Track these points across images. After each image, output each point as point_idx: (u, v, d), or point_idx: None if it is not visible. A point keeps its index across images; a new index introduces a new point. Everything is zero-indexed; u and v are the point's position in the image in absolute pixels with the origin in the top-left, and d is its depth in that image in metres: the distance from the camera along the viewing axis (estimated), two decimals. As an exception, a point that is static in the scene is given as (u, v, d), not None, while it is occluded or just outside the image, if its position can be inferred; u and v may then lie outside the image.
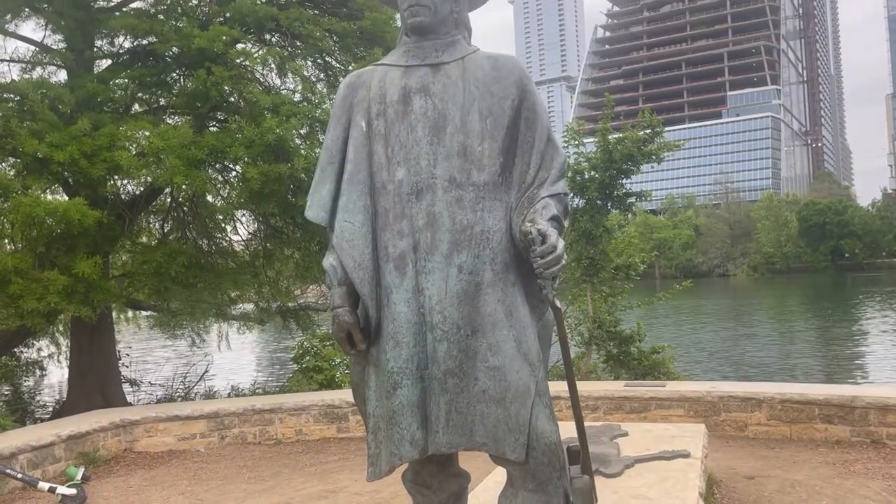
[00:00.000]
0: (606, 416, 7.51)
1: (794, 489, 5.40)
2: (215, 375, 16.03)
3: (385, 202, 2.50)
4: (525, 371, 2.37)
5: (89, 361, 10.53)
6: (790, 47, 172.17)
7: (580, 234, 9.52)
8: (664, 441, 5.32)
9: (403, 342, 2.40)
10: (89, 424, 7.29)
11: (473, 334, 2.39)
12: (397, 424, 2.39)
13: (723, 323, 34.90)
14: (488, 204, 2.48)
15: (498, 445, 2.34)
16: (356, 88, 2.63)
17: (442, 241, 2.42)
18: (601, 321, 9.62)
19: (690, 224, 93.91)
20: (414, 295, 2.42)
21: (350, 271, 2.46)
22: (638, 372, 9.39)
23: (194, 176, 8.11)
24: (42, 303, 7.52)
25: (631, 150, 9.23)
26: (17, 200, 7.43)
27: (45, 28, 9.60)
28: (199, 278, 9.20)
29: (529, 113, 2.58)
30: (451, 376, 2.37)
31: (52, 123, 7.97)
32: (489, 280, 2.43)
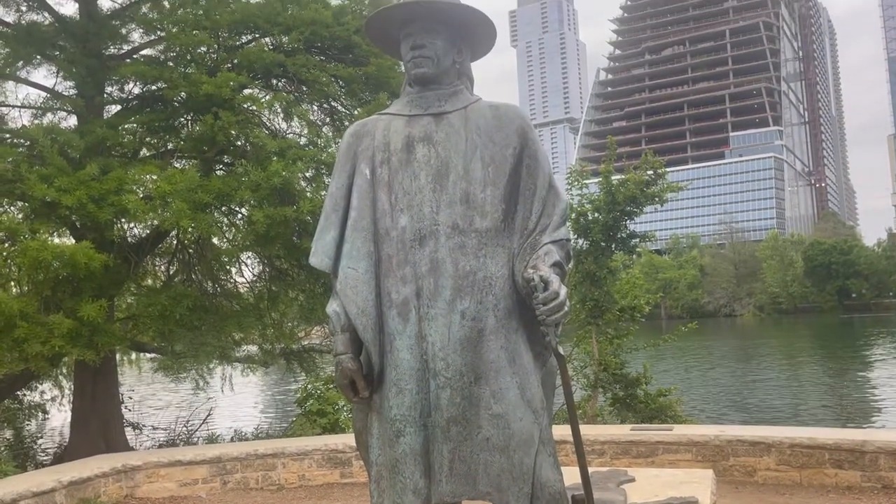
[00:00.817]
0: (613, 460, 7.41)
1: (805, 536, 5.29)
2: (218, 419, 15.91)
3: (388, 248, 2.52)
4: (529, 419, 2.36)
5: (92, 405, 10.48)
6: (791, 89, 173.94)
7: (584, 276, 9.52)
8: (672, 487, 5.25)
9: (406, 389, 2.40)
10: (90, 470, 7.22)
11: (476, 381, 2.39)
12: (400, 473, 2.37)
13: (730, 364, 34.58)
14: (491, 250, 2.50)
15: (502, 495, 2.32)
16: (361, 137, 2.67)
17: (445, 287, 2.44)
18: (607, 364, 9.56)
19: (695, 264, 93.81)
20: (417, 341, 2.43)
21: (353, 317, 2.47)
22: (645, 415, 9.29)
23: (200, 219, 8.17)
24: (46, 346, 7.51)
25: (634, 192, 9.28)
26: (24, 244, 7.49)
27: (56, 75, 9.79)
28: (204, 321, 9.20)
29: (531, 160, 2.61)
30: (455, 424, 2.36)
31: (61, 168, 8.07)
32: (492, 326, 2.44)
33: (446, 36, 2.62)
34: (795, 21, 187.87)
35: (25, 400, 13.64)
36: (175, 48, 9.46)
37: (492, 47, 2.79)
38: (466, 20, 2.64)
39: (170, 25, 9.58)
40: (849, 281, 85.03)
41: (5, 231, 7.86)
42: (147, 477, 7.62)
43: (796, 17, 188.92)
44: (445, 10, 2.59)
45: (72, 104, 9.57)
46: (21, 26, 9.65)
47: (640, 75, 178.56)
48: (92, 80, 9.29)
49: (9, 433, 12.57)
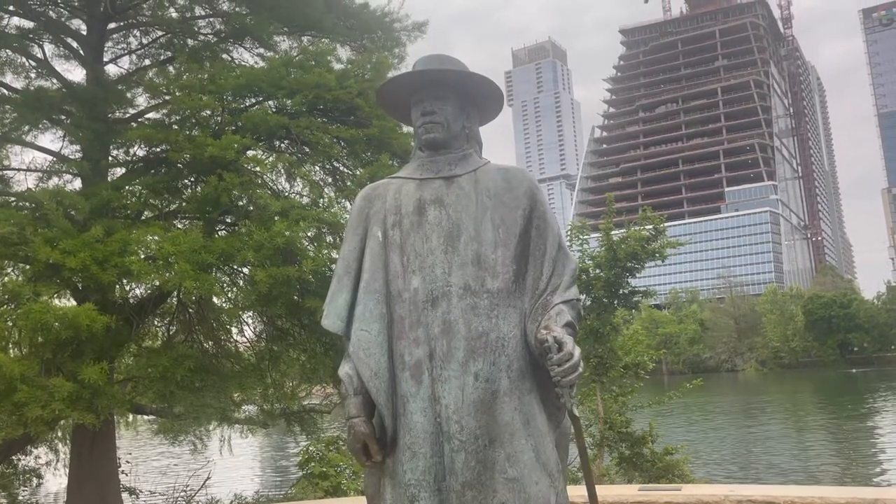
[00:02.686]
0: (622, 522, 7.26)
1: None
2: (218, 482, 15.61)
3: (401, 310, 2.53)
4: (545, 482, 2.33)
5: (89, 469, 10.31)
6: (783, 144, 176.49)
7: (588, 333, 9.50)
8: (684, 549, 5.13)
9: (420, 453, 2.38)
10: (88, 537, 7.05)
11: (491, 444, 2.37)
12: (415, 540, 2.33)
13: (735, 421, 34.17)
14: (503, 311, 2.52)
15: (519, 560, 2.28)
16: (372, 200, 2.71)
17: (458, 348, 2.44)
18: (612, 422, 9.45)
19: (695, 319, 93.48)
20: (430, 404, 2.42)
21: (366, 380, 2.47)
22: (652, 474, 9.15)
23: (203, 279, 8.18)
24: (46, 410, 7.42)
25: (635, 248, 9.34)
26: (27, 307, 7.47)
27: (63, 139, 9.94)
28: (205, 381, 9.12)
29: (540, 221, 2.65)
30: (470, 489, 2.33)
31: (66, 230, 8.12)
32: (506, 388, 2.43)
33: (456, 102, 2.69)
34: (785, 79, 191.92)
35: (20, 465, 13.40)
36: (180, 112, 9.62)
37: (499, 112, 2.86)
38: (475, 87, 2.72)
39: (175, 90, 9.77)
40: (850, 334, 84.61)
41: (8, 294, 7.86)
42: (145, 544, 7.45)
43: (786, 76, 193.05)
44: (455, 77, 2.66)
45: (77, 167, 9.69)
46: (29, 92, 9.85)
47: (635, 132, 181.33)
48: (98, 143, 9.43)
49: (3, 500, 12.29)
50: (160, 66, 10.64)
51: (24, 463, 13.50)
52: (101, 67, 10.26)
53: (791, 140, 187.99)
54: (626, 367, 9.70)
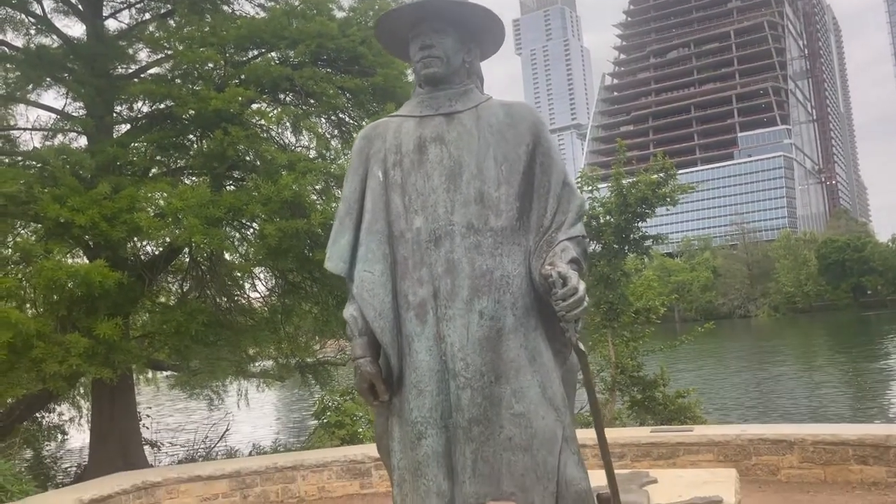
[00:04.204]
0: (633, 463, 7.34)
1: (832, 534, 5.21)
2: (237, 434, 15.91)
3: (404, 250, 2.51)
4: (551, 417, 2.33)
5: (110, 424, 10.51)
6: (798, 87, 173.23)
7: (598, 279, 9.47)
8: (696, 487, 5.19)
9: (426, 391, 2.38)
10: (111, 487, 7.21)
11: (497, 381, 2.37)
12: (423, 476, 2.35)
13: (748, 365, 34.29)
14: (507, 249, 2.49)
15: (526, 495, 2.29)
16: (372, 140, 2.67)
17: (462, 287, 2.42)
18: (623, 366, 9.49)
19: (708, 266, 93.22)
20: (436, 342, 2.41)
21: (371, 321, 2.46)
22: (663, 417, 9.22)
23: (213, 234, 8.20)
24: (64, 366, 7.54)
25: (645, 193, 9.25)
26: (39, 265, 7.53)
27: (66, 96, 9.87)
28: (219, 336, 9.22)
29: (544, 158, 2.60)
30: (476, 424, 2.34)
31: (73, 188, 8.12)
32: (511, 325, 2.42)
33: (455, 35, 2.62)
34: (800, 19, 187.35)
35: (44, 421, 13.70)
36: (182, 65, 9.51)
37: (500, 45, 2.79)
38: (475, 20, 2.64)
39: (176, 43, 9.65)
40: (864, 278, 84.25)
41: (20, 252, 7.91)
42: (167, 493, 7.61)
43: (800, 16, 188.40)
44: (454, 9, 2.59)
45: (82, 125, 9.64)
46: (30, 50, 9.75)
47: (646, 79, 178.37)
48: (101, 99, 9.36)
49: (28, 455, 12.59)
50: (160, 19, 10.49)
51: (48, 420, 13.80)
52: (101, 22, 10.12)
53: (806, 82, 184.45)
54: (637, 313, 9.70)
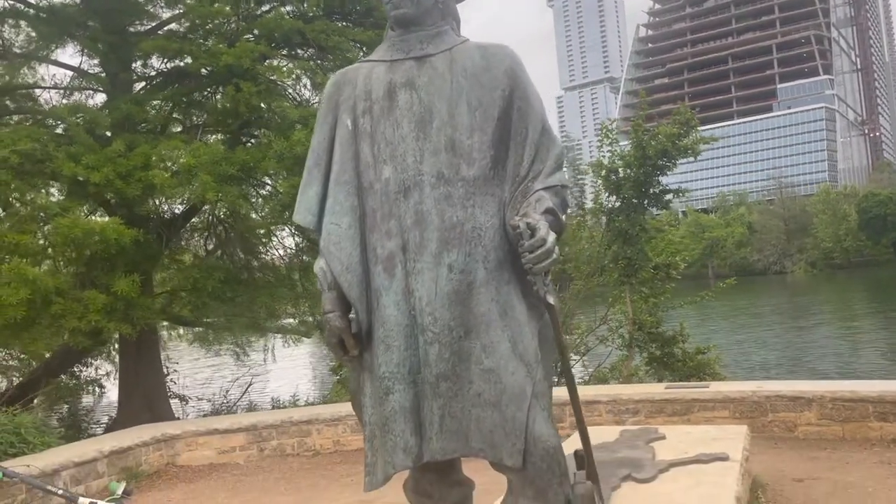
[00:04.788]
0: (647, 419, 7.29)
1: (845, 491, 5.12)
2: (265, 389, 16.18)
3: (373, 202, 2.42)
4: (521, 372, 2.25)
5: (136, 379, 10.74)
6: (841, 35, 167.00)
7: (617, 234, 9.30)
8: (703, 444, 5.11)
9: (394, 346, 2.32)
10: (131, 440, 7.39)
11: (467, 336, 2.29)
12: (390, 431, 2.31)
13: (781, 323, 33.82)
14: (479, 199, 2.39)
15: (495, 451, 2.23)
16: (342, 87, 2.57)
17: (431, 239, 2.33)
18: (641, 322, 9.36)
19: (743, 221, 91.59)
20: (404, 297, 2.34)
21: (337, 275, 2.39)
22: (682, 374, 9.10)
23: (227, 192, 8.20)
24: (83, 321, 7.67)
25: (665, 145, 8.98)
26: (56, 223, 7.61)
27: (81, 53, 9.86)
28: (237, 293, 9.29)
29: (522, 103, 2.47)
30: (444, 380, 2.27)
31: (88, 146, 8.16)
32: (482, 279, 2.33)
33: None
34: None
35: (83, 375, 14.10)
36: (195, 20, 9.42)
37: None
38: None
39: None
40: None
41: (38, 210, 8.00)
42: (186, 445, 7.78)
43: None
44: None
45: (97, 81, 9.65)
46: (46, 7, 9.73)
47: (682, 29, 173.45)
48: (115, 56, 9.34)
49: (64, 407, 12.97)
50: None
51: (86, 374, 14.17)
52: (116, -23, 10.03)
53: (849, 30, 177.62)
54: (656, 268, 9.51)
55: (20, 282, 7.23)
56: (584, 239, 10.58)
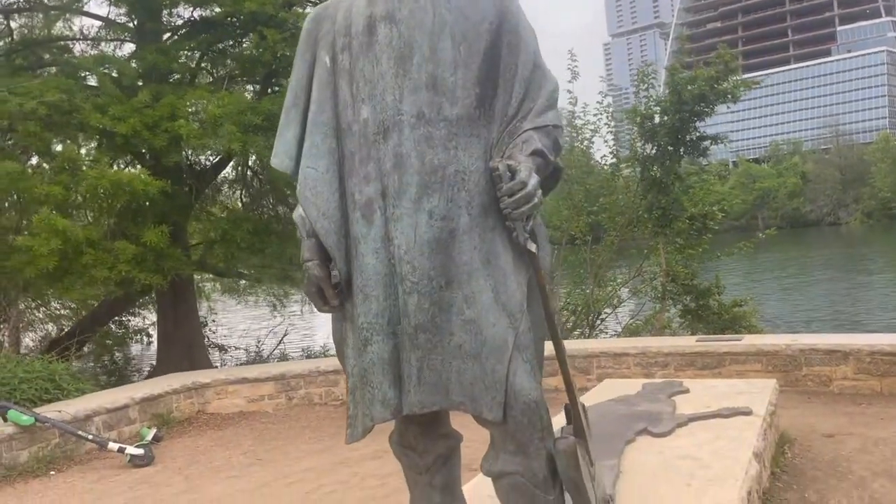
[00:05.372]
0: (677, 372, 7.13)
1: (876, 447, 4.93)
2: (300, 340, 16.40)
3: (351, 145, 2.30)
4: (503, 323, 2.14)
5: (174, 329, 10.96)
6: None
7: (651, 184, 9.00)
8: (727, 398, 4.96)
9: (372, 296, 2.22)
10: (162, 387, 7.54)
11: (448, 286, 2.17)
12: (369, 384, 2.22)
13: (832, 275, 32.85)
14: (463, 141, 2.24)
15: (475, 404, 2.14)
16: (321, 21, 2.42)
17: (410, 184, 2.20)
18: (675, 274, 9.10)
19: (797, 171, 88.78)
20: (383, 245, 2.22)
21: (313, 221, 2.29)
22: (717, 326, 8.87)
23: (253, 142, 8.14)
24: (113, 272, 7.79)
25: (702, 89, 8.58)
26: (83, 174, 7.67)
27: (109, 3, 9.82)
28: (267, 244, 9.32)
29: (511, 36, 2.30)
30: (423, 331, 2.17)
31: (115, 97, 8.16)
32: (465, 226, 2.20)
33: None
34: None
35: (131, 325, 14.50)
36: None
37: None
38: None
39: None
40: (970, 182, 78.50)
41: (66, 161, 8.07)
42: (216, 394, 7.91)
43: None
44: None
45: (125, 31, 9.62)
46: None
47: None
48: (142, 5, 9.26)
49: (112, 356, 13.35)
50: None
51: (134, 323, 14.57)
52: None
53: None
54: (691, 219, 9.20)
55: (51, 232, 7.34)
56: (619, 189, 10.29)
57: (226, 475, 5.73)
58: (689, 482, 3.41)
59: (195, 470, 5.94)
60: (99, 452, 6.41)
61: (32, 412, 6.18)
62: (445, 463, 2.44)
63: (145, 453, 6.18)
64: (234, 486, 5.40)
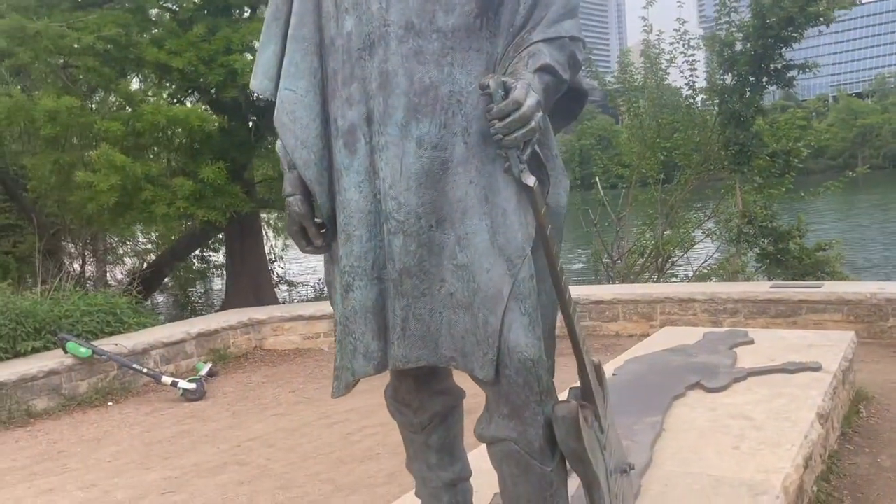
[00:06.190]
0: (747, 321, 6.68)
1: (965, 409, 4.44)
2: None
3: (334, 62, 2.00)
4: (499, 269, 1.84)
5: (241, 265, 11.09)
6: None
7: (729, 117, 8.30)
8: (796, 351, 4.55)
9: (355, 236, 1.96)
10: (218, 323, 7.61)
11: (439, 225, 1.89)
12: (350, 334, 1.99)
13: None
14: (460, 56, 1.91)
15: (466, 360, 1.87)
16: (305, -79, 2.11)
17: (396, 107, 1.90)
18: (753, 216, 8.46)
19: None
20: (367, 178, 1.95)
21: (291, 151, 2.02)
22: (798, 272, 8.24)
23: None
24: (172, 208, 7.82)
25: (790, 11, 7.76)
26: (141, 110, 7.66)
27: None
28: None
29: (519, -71, 1.93)
30: (409, 277, 1.90)
31: (171, 31, 8.06)
32: (460, 156, 1.89)
33: None
34: None
35: (211, 260, 14.86)
36: None
37: None
38: None
39: None
40: None
41: (123, 97, 8.07)
42: (272, 330, 7.95)
43: None
44: None
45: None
46: None
47: None
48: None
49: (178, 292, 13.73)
50: None
51: (215, 259, 14.92)
52: None
53: None
54: (773, 156, 8.48)
55: (110, 168, 7.39)
56: (697, 125, 9.59)
57: (271, 412, 5.72)
58: (737, 445, 3.09)
59: (243, 406, 5.97)
60: (155, 385, 6.53)
61: (90, 345, 6.32)
62: (443, 422, 2.20)
63: (197, 388, 6.25)
64: (276, 425, 5.38)
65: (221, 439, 5.11)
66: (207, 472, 4.46)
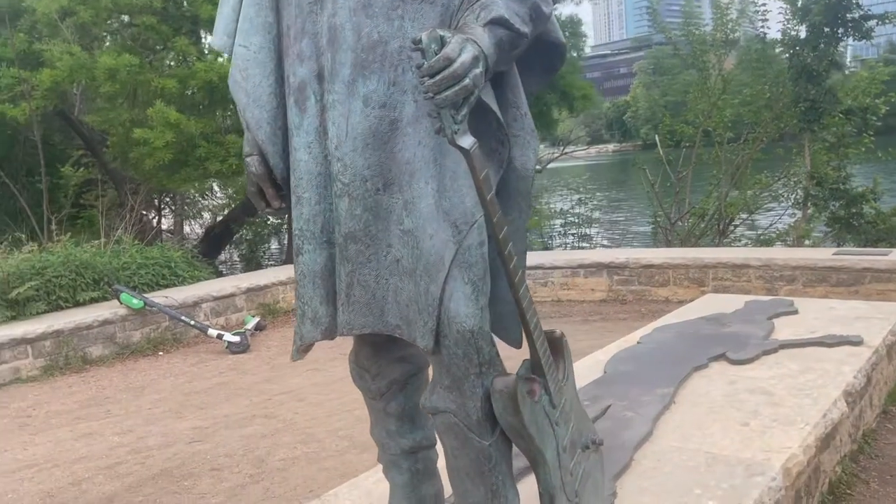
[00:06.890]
0: (805, 288, 6.34)
1: None
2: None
3: (288, 18, 1.93)
4: (442, 235, 1.75)
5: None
6: None
7: (799, 72, 7.76)
8: (842, 323, 4.28)
9: (304, 198, 1.91)
10: (267, 279, 7.77)
11: (386, 188, 1.81)
12: (300, 298, 1.95)
13: None
14: (411, 9, 1.80)
15: (410, 329, 1.81)
16: None
17: (343, 63, 1.81)
18: (822, 177, 7.94)
19: None
20: (317, 138, 1.88)
21: (243, 109, 1.97)
22: (871, 238, 7.73)
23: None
24: (225, 165, 7.96)
25: (870, -45, 7.13)
26: (194, 67, 7.77)
27: None
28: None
29: None
30: (353, 241, 1.84)
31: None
32: (410, 115, 1.79)
33: None
34: None
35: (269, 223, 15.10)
36: None
37: None
38: None
39: None
40: None
41: (177, 53, 8.19)
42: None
43: None
44: None
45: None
46: None
47: None
48: None
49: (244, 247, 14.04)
50: None
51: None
52: None
53: None
54: (846, 113, 7.88)
55: (165, 125, 7.57)
56: (768, 79, 9.01)
57: (308, 367, 5.81)
58: (747, 421, 2.93)
59: (282, 360, 6.10)
60: (205, 337, 6.74)
61: (142, 296, 6.56)
62: (402, 389, 2.14)
63: (241, 340, 6.41)
64: (310, 379, 5.47)
65: (256, 392, 5.25)
66: (235, 424, 4.59)
